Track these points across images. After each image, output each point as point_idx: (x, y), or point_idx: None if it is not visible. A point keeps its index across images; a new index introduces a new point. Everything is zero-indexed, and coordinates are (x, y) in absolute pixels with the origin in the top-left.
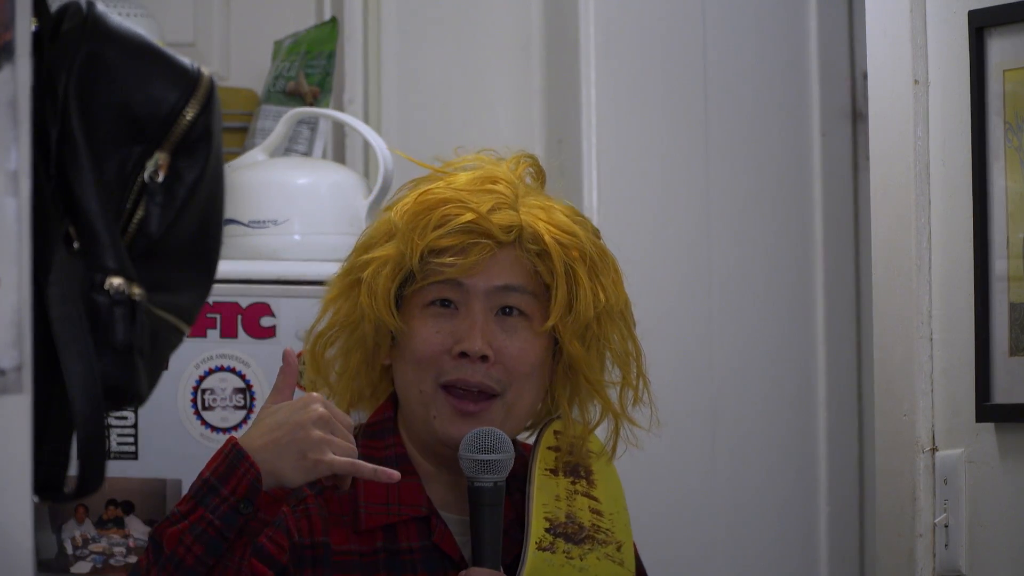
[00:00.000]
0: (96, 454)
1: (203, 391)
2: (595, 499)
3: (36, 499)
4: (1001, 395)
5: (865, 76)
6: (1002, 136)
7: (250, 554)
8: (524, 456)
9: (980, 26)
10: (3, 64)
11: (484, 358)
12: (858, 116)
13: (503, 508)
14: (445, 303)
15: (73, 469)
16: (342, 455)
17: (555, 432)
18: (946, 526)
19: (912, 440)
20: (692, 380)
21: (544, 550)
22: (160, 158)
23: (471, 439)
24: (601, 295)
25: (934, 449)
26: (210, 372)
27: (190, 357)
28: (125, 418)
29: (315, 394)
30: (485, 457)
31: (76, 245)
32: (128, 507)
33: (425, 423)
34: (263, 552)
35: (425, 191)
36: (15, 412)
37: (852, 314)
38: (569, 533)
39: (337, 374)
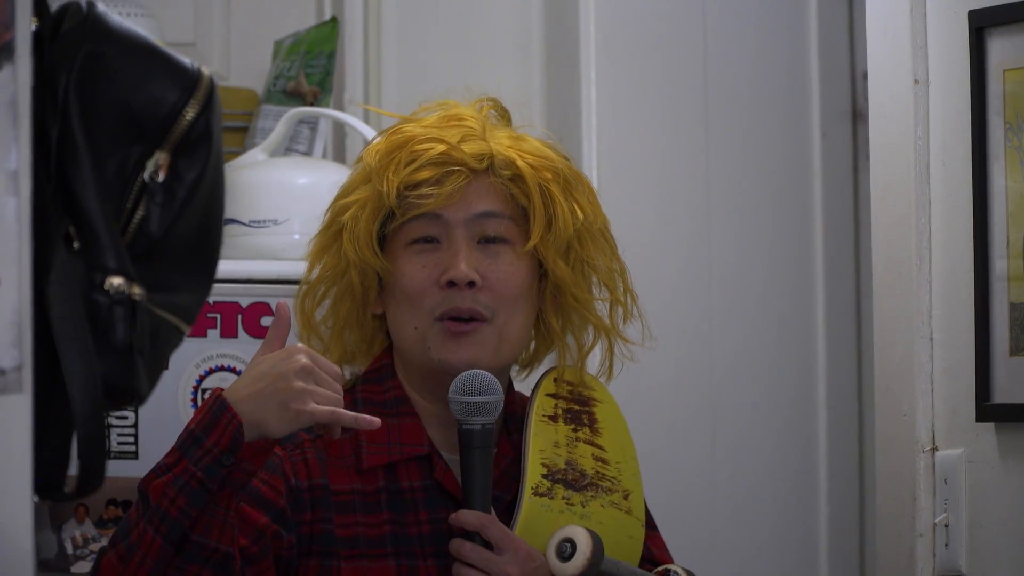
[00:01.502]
0: (96, 454)
1: (203, 391)
2: (599, 447)
3: (36, 499)
4: (1001, 395)
5: (865, 76)
6: (1002, 136)
7: (239, 502)
8: (526, 402)
9: (980, 26)
10: (3, 64)
11: (471, 284)
12: (858, 116)
13: (493, 450)
14: (427, 239)
15: (73, 469)
16: (325, 404)
17: (555, 380)
18: (946, 526)
19: (912, 440)
20: (692, 379)
21: (541, 495)
22: (160, 158)
23: (459, 382)
24: (579, 212)
25: (934, 449)
26: (210, 372)
27: (190, 357)
28: (125, 418)
29: (299, 344)
30: (472, 399)
31: (76, 245)
32: (128, 507)
33: (422, 356)
34: (258, 496)
35: (394, 130)
36: (15, 412)
37: (852, 314)
38: (569, 480)
39: (329, 328)
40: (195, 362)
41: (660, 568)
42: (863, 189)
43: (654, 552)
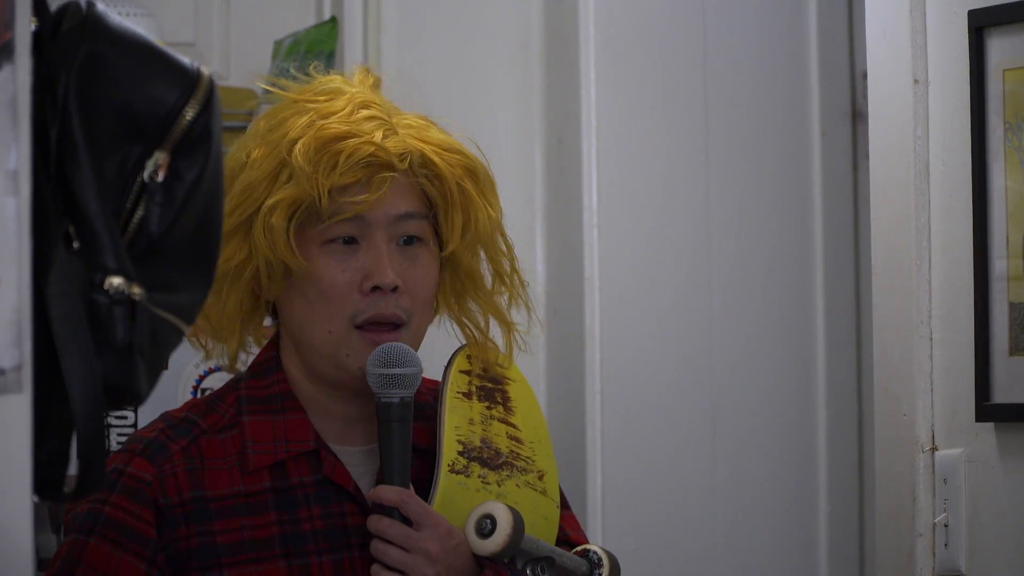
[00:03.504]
0: (96, 454)
1: (203, 390)
2: (513, 426)
3: (36, 499)
4: (1001, 395)
5: (865, 76)
6: (1002, 136)
7: (101, 544)
8: (436, 389)
9: (980, 26)
10: (3, 64)
11: (395, 289)
12: (858, 116)
13: (411, 426)
14: (347, 240)
15: (73, 469)
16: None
17: (467, 357)
18: (946, 525)
19: (912, 440)
20: (692, 379)
21: (458, 472)
22: (160, 158)
23: (377, 354)
24: (491, 211)
25: (934, 449)
26: (210, 372)
27: (190, 356)
28: (125, 417)
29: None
30: (391, 371)
31: (76, 245)
32: None
33: (333, 361)
34: (128, 531)
35: (320, 128)
36: (15, 412)
37: (852, 314)
38: (485, 458)
39: (220, 314)
40: (194, 362)
41: (579, 548)
42: (863, 189)
43: (568, 532)
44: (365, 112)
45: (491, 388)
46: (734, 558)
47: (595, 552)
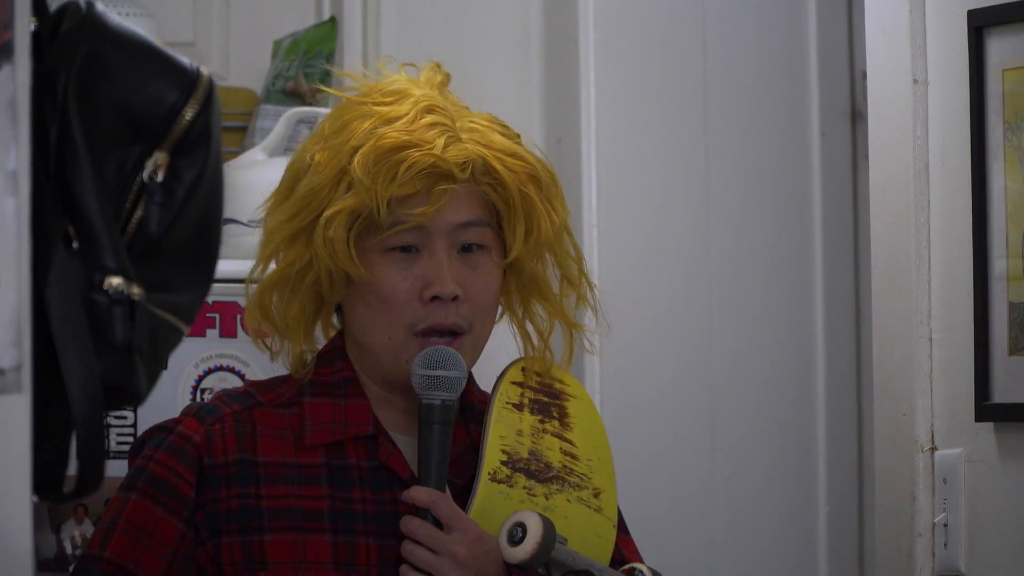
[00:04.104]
0: (95, 453)
1: (202, 390)
2: (569, 442)
3: (36, 498)
4: (1000, 394)
5: (864, 75)
6: (1001, 135)
7: (144, 501)
8: (486, 396)
9: (979, 26)
10: (2, 64)
11: (455, 298)
12: (857, 115)
13: (452, 429)
14: (406, 248)
15: (72, 468)
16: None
17: (523, 369)
18: (945, 525)
19: (911, 439)
20: (691, 379)
21: (500, 482)
22: (159, 158)
23: (424, 356)
24: (555, 217)
25: (933, 448)
26: (209, 372)
27: (189, 356)
28: (124, 417)
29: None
30: (435, 373)
31: (75, 245)
32: None
33: (394, 366)
34: (167, 488)
35: (380, 136)
36: (14, 412)
37: (851, 313)
38: (532, 470)
39: (284, 316)
40: (194, 362)
41: (626, 567)
42: (862, 189)
43: (625, 555)
44: (428, 118)
45: (547, 402)
46: (733, 557)
47: (641, 571)
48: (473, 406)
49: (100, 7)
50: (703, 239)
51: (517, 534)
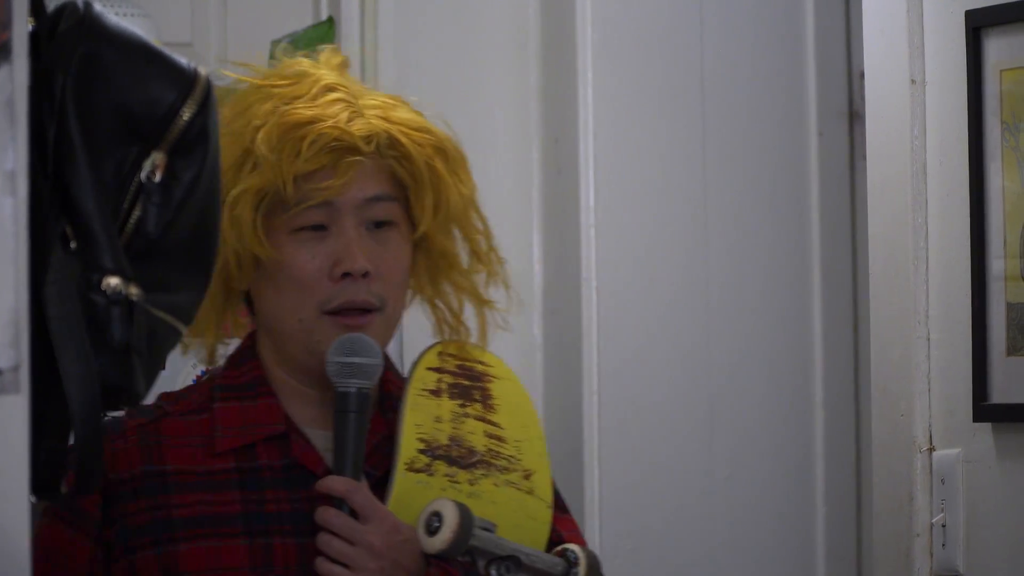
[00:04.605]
0: (93, 454)
1: None
2: (494, 424)
3: (33, 499)
4: (998, 395)
5: (862, 76)
6: (999, 136)
7: (48, 522)
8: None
9: (977, 26)
10: (0, 64)
11: (366, 275)
12: (855, 116)
13: (369, 418)
14: (315, 227)
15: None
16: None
17: (439, 354)
18: (943, 526)
19: (909, 440)
20: (689, 380)
21: (418, 471)
22: (157, 158)
23: (338, 344)
24: (463, 189)
25: (931, 449)
26: (207, 372)
27: (187, 357)
28: None
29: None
30: (350, 360)
31: (73, 245)
32: None
33: (305, 348)
34: (73, 508)
35: (283, 114)
36: (12, 412)
37: (849, 314)
38: (453, 456)
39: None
40: (192, 362)
41: (558, 548)
42: (860, 189)
43: (563, 535)
44: (331, 95)
45: (467, 386)
46: (732, 558)
47: (572, 551)
48: (392, 395)
49: (98, 8)
50: (701, 239)
51: (434, 523)
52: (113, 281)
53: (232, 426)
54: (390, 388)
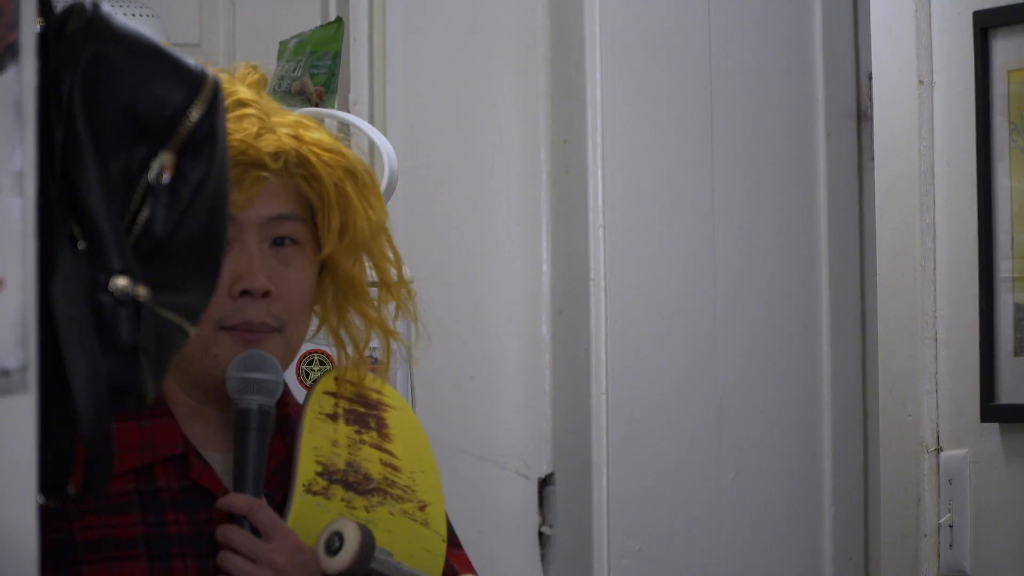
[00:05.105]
0: (101, 454)
1: None
2: (389, 453)
3: (41, 500)
4: (1006, 395)
5: (870, 76)
6: (1007, 136)
7: None
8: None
9: (985, 27)
10: (8, 64)
11: (266, 294)
12: (863, 116)
13: (270, 436)
14: None
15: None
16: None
17: (335, 379)
18: (951, 526)
19: (917, 440)
20: (697, 380)
21: (316, 494)
22: (165, 159)
23: (239, 360)
24: (372, 215)
25: (939, 449)
26: None
27: None
28: None
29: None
30: (251, 375)
31: (81, 245)
32: None
33: (202, 364)
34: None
35: None
36: (20, 412)
37: (857, 314)
38: (350, 481)
39: None
40: None
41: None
42: (868, 189)
43: (457, 569)
44: (242, 110)
45: (363, 413)
46: (739, 558)
47: None
48: (290, 419)
49: (106, 8)
50: (709, 240)
51: (335, 543)
52: (121, 282)
53: (128, 448)
54: (288, 411)
